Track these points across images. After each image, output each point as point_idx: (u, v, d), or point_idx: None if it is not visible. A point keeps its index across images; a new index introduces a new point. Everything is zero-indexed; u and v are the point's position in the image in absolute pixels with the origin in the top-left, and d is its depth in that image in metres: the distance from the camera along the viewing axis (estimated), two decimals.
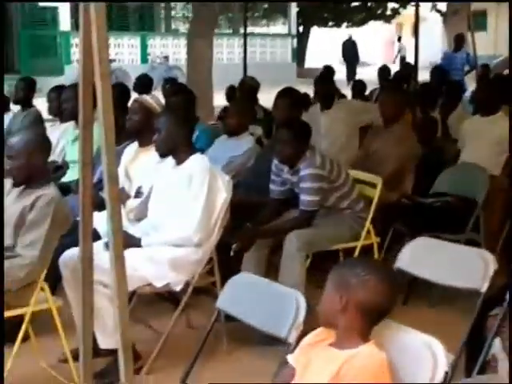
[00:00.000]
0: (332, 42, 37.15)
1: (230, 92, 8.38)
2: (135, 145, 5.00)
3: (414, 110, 7.36)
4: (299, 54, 28.19)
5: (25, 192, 3.74)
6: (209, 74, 12.92)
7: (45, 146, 3.83)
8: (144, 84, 8.81)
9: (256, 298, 2.77)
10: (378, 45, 39.41)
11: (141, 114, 4.84)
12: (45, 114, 7.35)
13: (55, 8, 21.26)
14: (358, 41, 30.88)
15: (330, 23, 31.14)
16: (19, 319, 3.68)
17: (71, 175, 5.83)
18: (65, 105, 5.88)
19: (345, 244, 4.76)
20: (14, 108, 7.68)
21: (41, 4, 21.23)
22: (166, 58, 23.04)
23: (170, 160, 4.34)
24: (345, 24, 31.00)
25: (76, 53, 21.68)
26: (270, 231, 4.66)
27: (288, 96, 5.66)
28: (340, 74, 30.87)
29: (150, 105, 4.87)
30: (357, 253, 4.76)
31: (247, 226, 4.55)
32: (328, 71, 10.23)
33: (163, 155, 4.32)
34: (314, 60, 32.42)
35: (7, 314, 3.60)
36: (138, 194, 4.79)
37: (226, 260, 4.42)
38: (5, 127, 7.42)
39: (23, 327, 3.67)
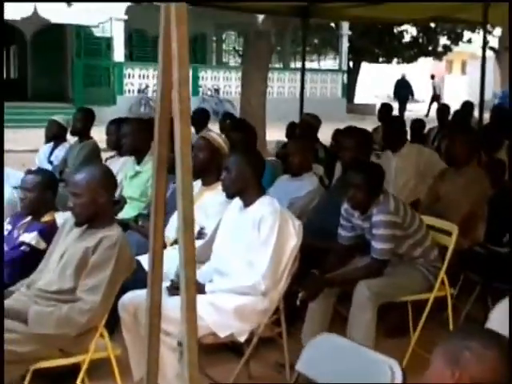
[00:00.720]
0: (380, 77, 36.99)
1: (291, 129, 8.16)
2: (198, 183, 4.81)
3: (478, 152, 7.06)
4: (349, 90, 27.99)
5: (88, 232, 3.56)
6: (262, 109, 12.78)
7: (110, 184, 3.65)
8: (201, 118, 8.65)
9: (342, 363, 2.51)
10: (427, 81, 38.99)
11: (207, 152, 4.66)
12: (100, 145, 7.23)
13: (110, 38, 21.44)
14: (407, 77, 30.68)
15: (381, 59, 30.94)
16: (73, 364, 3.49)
17: (128, 211, 5.66)
18: (124, 139, 5.73)
19: (417, 295, 4.47)
20: (71, 138, 7.60)
21: (96, 34, 21.43)
22: (217, 90, 23.05)
23: (237, 201, 4.13)
24: (395, 60, 30.77)
25: (128, 83, 21.83)
26: (338, 280, 4.39)
27: (356, 136, 5.41)
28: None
29: (218, 143, 4.69)
30: (429, 305, 4.46)
31: (314, 274, 4.29)
32: (387, 108, 9.99)
33: (231, 196, 4.11)
34: (364, 96, 32.28)
35: (64, 361, 3.40)
36: (201, 234, 4.59)
37: (291, 309, 4.17)
38: (61, 157, 7.33)
39: (80, 376, 3.46)
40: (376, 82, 37.61)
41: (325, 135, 8.26)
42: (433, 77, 30.81)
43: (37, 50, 23.46)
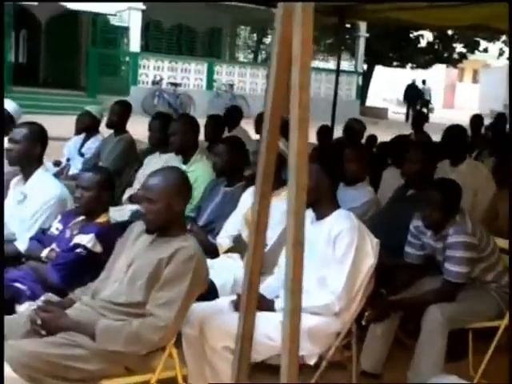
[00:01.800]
0: (390, 81, 36.73)
1: (324, 132, 7.88)
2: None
3: None
4: (362, 92, 27.73)
5: (159, 241, 3.28)
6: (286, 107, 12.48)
7: (187, 191, 3.37)
8: (233, 116, 8.37)
9: None
10: (439, 87, 38.76)
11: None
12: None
13: (127, 28, 21.13)
14: (419, 83, 30.51)
15: (395, 63, 30.69)
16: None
17: None
18: (172, 137, 5.44)
19: (489, 322, 4.21)
20: (102, 131, 7.33)
21: (112, 22, 21.12)
22: (231, 86, 22.76)
23: (309, 212, 3.85)
24: (409, 65, 30.53)
25: (143, 75, 21.52)
26: (408, 303, 4.13)
27: (422, 148, 5.11)
28: (393, 114, 30.60)
29: (280, 149, 4.39)
30: (500, 333, 4.20)
31: (383, 295, 4.03)
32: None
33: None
34: (372, 99, 32.03)
35: (129, 380, 3.13)
36: None
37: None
38: (93, 150, 7.04)
39: None
40: (385, 86, 37.36)
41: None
42: (424, 82, 30.73)
43: (50, 35, 23.11)
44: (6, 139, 5.34)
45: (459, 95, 39.02)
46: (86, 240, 3.79)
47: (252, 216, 2.62)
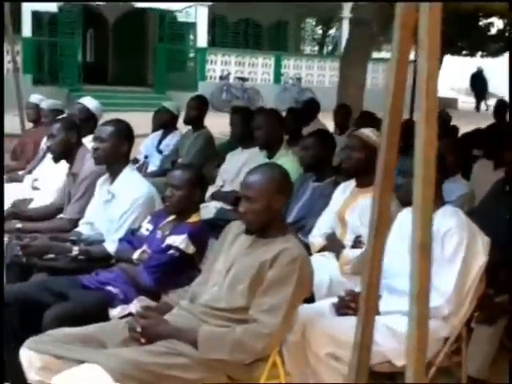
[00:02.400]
0: (458, 70, 35.83)
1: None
2: (351, 184, 4.32)
3: None
4: None
5: (259, 242, 3.10)
6: (360, 101, 12.19)
7: (288, 188, 3.18)
8: (312, 109, 8.17)
9: None
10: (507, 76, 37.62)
11: (362, 152, 4.16)
12: None
13: (193, 24, 21.10)
14: (487, 72, 29.68)
15: (464, 52, 29.90)
16: None
17: None
18: (257, 131, 5.26)
19: None
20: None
21: (179, 19, 21.12)
22: (299, 79, 22.52)
23: (410, 209, 3.61)
24: (479, 53, 29.70)
25: (211, 70, 21.49)
26: None
27: None
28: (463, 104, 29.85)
29: (373, 141, 4.18)
30: None
31: (492, 294, 3.77)
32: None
33: (406, 203, 3.61)
34: (442, 89, 31.30)
35: None
36: (358, 243, 4.10)
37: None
38: (172, 147, 6.93)
39: None
40: (453, 75, 36.44)
41: None
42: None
43: (118, 34, 23.31)
44: (89, 138, 5.27)
45: None
46: (179, 241, 3.64)
47: (372, 217, 2.42)
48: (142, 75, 22.95)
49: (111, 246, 4.05)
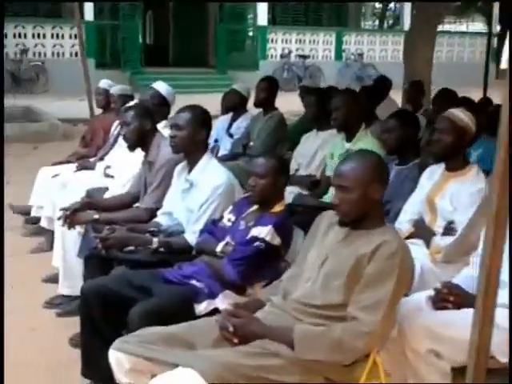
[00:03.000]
0: None
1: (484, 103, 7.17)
2: (440, 168, 4.09)
3: None
4: (497, 55, 26.28)
5: (355, 234, 2.92)
6: (428, 76, 11.80)
7: (386, 176, 2.99)
8: (383, 86, 7.89)
9: None
10: None
11: (453, 134, 3.92)
12: None
13: (253, 2, 20.86)
14: None
15: None
16: None
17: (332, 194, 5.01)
18: (335, 112, 5.04)
19: None
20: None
21: None
22: (361, 55, 22.11)
23: None
24: None
25: (271, 48, 21.26)
26: None
27: None
28: None
29: (465, 124, 3.94)
30: None
31: None
32: None
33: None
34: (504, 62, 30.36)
35: None
36: (450, 230, 3.88)
37: None
38: (243, 130, 6.77)
39: None
40: None
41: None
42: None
43: (178, 15, 23.19)
44: (162, 124, 5.14)
45: None
46: (265, 232, 3.48)
47: (489, 208, 2.21)
48: (203, 56, 22.83)
49: (192, 238, 3.93)
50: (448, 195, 3.94)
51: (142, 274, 3.65)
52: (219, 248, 3.63)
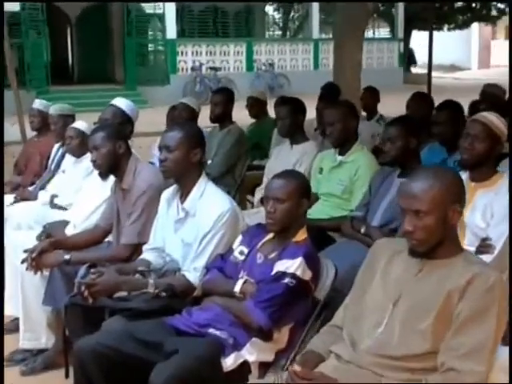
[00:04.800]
0: (422, 46, 35.46)
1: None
2: (463, 177, 3.67)
3: None
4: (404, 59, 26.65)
5: (433, 264, 2.45)
6: (358, 81, 11.55)
7: (463, 197, 2.52)
8: (331, 91, 7.52)
9: None
10: (474, 48, 37.41)
11: (487, 141, 3.54)
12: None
13: (161, 15, 20.25)
14: (453, 44, 29.35)
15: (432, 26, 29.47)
16: None
17: (323, 210, 4.57)
18: (331, 128, 4.57)
19: None
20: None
21: (147, 11, 20.26)
22: (272, 65, 21.83)
23: None
24: (446, 26, 29.32)
25: (182, 61, 20.70)
26: None
27: None
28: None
29: (501, 131, 3.56)
30: None
31: None
32: None
33: None
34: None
35: None
36: (485, 248, 3.48)
37: None
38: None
39: None
40: (418, 51, 36.06)
41: (387, 108, 7.04)
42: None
43: (80, 31, 22.31)
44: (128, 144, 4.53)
45: (495, 53, 37.61)
46: (295, 266, 2.97)
47: None
48: (110, 72, 22.03)
49: (193, 276, 3.36)
50: (479, 209, 3.53)
51: (147, 327, 3.05)
52: (238, 287, 3.09)
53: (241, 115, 6.31)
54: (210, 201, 3.42)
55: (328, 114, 4.62)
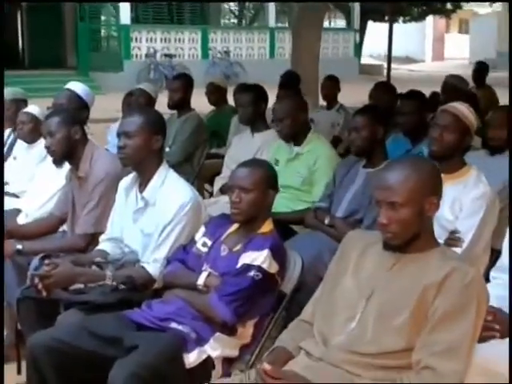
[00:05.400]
0: (376, 36, 35.60)
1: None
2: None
3: None
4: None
5: (407, 258, 2.36)
6: (316, 71, 11.53)
7: (440, 188, 2.43)
8: (291, 80, 7.42)
9: None
10: (428, 40, 37.72)
11: (457, 132, 3.49)
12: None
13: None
14: (407, 36, 29.42)
15: (387, 17, 29.59)
16: None
17: (284, 203, 4.40)
18: (281, 124, 4.45)
19: None
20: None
21: None
22: (227, 53, 21.65)
23: None
24: (401, 18, 29.43)
25: (136, 48, 20.37)
26: None
27: None
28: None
29: (470, 122, 3.51)
30: None
31: None
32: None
33: None
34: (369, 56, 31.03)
35: None
36: (454, 241, 3.41)
37: None
38: None
39: None
40: (371, 42, 36.21)
41: (344, 98, 7.24)
42: None
43: (32, 15, 21.74)
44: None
45: (448, 46, 38.06)
46: (260, 259, 2.85)
47: None
48: (62, 57, 21.55)
49: (153, 268, 3.22)
50: (447, 202, 3.45)
51: (104, 321, 2.91)
52: (201, 280, 2.96)
53: (197, 103, 6.16)
54: (171, 190, 3.28)
55: (277, 111, 4.49)
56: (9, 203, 4.73)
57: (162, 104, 6.04)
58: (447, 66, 31.13)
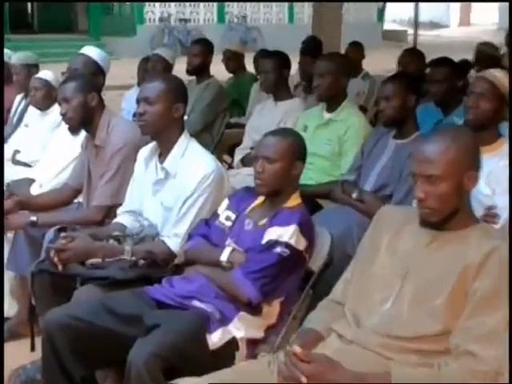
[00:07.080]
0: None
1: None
2: None
3: None
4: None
5: (445, 236, 2.20)
6: (338, 38, 11.22)
7: (479, 162, 2.26)
8: (314, 46, 7.18)
9: None
10: (454, 6, 36.66)
11: (493, 100, 3.30)
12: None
13: None
14: None
15: None
16: None
17: (311, 175, 4.15)
18: (319, 80, 4.23)
19: None
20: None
21: None
22: (244, 18, 21.28)
23: None
24: None
25: (149, 12, 20.04)
26: None
27: None
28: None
29: (505, 88, 3.31)
30: None
31: None
32: None
33: None
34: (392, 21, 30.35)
35: None
36: (491, 217, 3.23)
37: None
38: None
39: None
40: (395, 6, 35.25)
41: (368, 65, 7.05)
42: None
43: None
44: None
45: (476, 11, 36.99)
46: (288, 234, 2.70)
47: None
48: (73, 21, 21.27)
49: (174, 243, 3.08)
50: (483, 175, 3.27)
51: (124, 298, 2.77)
52: (225, 256, 2.82)
53: (214, 70, 5.96)
54: (192, 161, 3.13)
55: (319, 65, 4.28)
56: (21, 172, 4.60)
57: (176, 71, 5.86)
58: (474, 31, 30.33)
